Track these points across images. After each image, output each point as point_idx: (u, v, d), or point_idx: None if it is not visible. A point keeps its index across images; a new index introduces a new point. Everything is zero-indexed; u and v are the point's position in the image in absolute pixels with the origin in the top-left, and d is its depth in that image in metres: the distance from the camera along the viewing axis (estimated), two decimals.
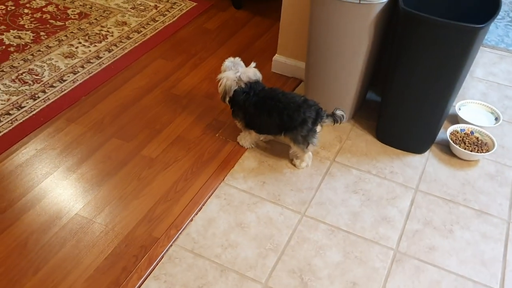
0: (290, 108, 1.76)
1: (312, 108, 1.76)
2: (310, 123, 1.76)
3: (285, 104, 1.77)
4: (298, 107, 1.75)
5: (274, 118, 1.79)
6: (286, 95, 1.81)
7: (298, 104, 1.76)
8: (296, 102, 1.77)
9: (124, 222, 1.65)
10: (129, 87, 2.24)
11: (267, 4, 2.98)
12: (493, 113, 2.14)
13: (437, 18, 1.61)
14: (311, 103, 1.77)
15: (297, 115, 1.75)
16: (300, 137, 1.78)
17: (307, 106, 1.76)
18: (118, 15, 2.77)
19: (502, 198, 1.81)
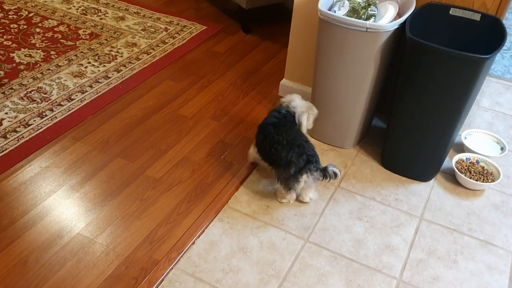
0: (283, 144, 1.71)
1: (303, 156, 1.69)
2: (294, 169, 1.69)
3: (283, 138, 1.73)
4: (290, 147, 1.70)
5: (266, 146, 1.77)
6: (294, 131, 1.77)
7: (294, 144, 1.71)
8: (293, 142, 1.71)
9: (125, 243, 1.64)
10: (136, 107, 2.26)
11: (276, 29, 3.02)
12: (499, 143, 2.13)
13: (444, 47, 1.62)
14: (306, 150, 1.71)
15: (284, 155, 1.70)
16: (282, 178, 1.74)
17: (299, 151, 1.69)
18: (129, 36, 2.81)
19: (507, 229, 1.79)
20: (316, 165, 1.72)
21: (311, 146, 1.76)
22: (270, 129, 1.78)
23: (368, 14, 1.83)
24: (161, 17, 3.04)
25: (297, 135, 1.77)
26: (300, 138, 1.76)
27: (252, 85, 2.48)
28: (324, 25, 1.83)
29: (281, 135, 1.74)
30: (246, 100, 2.37)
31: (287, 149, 1.70)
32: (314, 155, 1.73)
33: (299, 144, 1.72)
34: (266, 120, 1.83)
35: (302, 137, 1.77)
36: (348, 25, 1.76)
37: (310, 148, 1.74)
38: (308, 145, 1.75)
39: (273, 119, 1.82)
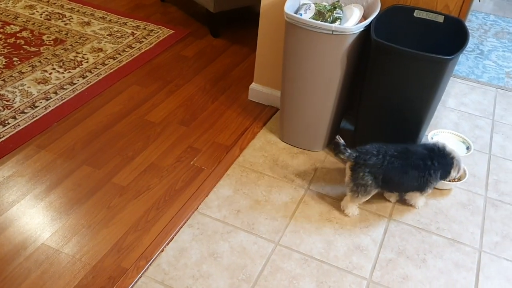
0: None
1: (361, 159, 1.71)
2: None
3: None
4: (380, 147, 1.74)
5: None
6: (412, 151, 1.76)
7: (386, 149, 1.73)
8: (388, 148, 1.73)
9: (92, 252, 1.60)
10: (102, 114, 2.21)
11: (245, 33, 3.02)
12: (465, 142, 2.18)
13: (408, 49, 1.64)
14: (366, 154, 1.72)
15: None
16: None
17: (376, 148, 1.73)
18: (94, 41, 2.76)
19: (474, 227, 1.82)
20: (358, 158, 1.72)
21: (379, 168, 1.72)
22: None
23: (334, 17, 1.84)
24: (127, 21, 3.00)
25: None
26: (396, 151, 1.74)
27: (221, 89, 2.47)
28: (291, 28, 1.83)
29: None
30: (216, 105, 2.36)
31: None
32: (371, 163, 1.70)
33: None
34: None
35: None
36: (314, 28, 1.77)
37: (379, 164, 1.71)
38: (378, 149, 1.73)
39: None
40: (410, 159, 1.73)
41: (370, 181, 1.72)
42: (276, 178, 1.96)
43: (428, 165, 1.73)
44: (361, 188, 1.73)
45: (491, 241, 1.78)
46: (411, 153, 1.74)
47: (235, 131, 2.19)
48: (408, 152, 1.74)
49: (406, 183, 1.76)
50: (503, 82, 2.71)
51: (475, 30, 3.26)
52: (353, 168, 1.73)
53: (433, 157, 1.74)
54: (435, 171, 1.75)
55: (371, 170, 1.70)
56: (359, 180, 1.73)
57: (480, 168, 2.10)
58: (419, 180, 1.74)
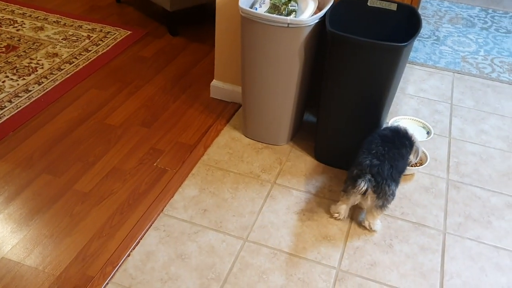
0: (370, 150, 1.68)
1: (375, 168, 1.62)
2: (356, 171, 1.66)
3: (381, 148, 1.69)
4: (374, 154, 1.66)
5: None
6: (401, 147, 1.74)
7: (382, 154, 1.66)
8: (383, 153, 1.67)
9: (56, 262, 1.56)
10: (60, 120, 2.16)
11: (204, 30, 2.99)
12: (425, 127, 2.22)
13: (363, 38, 1.66)
14: (384, 166, 1.63)
15: (360, 155, 1.68)
16: (346, 176, 1.74)
17: (377, 161, 1.64)
18: (49, 46, 2.69)
19: (438, 210, 1.86)
20: (376, 183, 1.61)
21: (398, 168, 1.67)
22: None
23: (289, 10, 1.84)
24: (83, 24, 2.93)
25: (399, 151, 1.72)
26: (398, 156, 1.70)
27: (182, 88, 2.45)
28: (247, 23, 1.83)
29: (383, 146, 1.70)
30: (177, 104, 2.33)
31: (368, 154, 1.66)
32: (387, 177, 1.62)
33: (387, 158, 1.66)
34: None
35: (405, 156, 1.73)
36: (270, 22, 1.76)
37: (387, 167, 1.63)
38: (395, 164, 1.66)
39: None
40: (396, 144, 1.73)
41: (392, 185, 1.65)
42: (242, 174, 1.95)
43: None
44: (390, 197, 1.66)
45: (455, 222, 1.82)
46: (394, 138, 1.74)
47: (198, 129, 2.17)
48: (391, 138, 1.74)
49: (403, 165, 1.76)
50: (460, 67, 2.78)
51: (430, 17, 3.32)
52: (375, 191, 1.63)
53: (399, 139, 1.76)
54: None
55: (387, 175, 1.63)
56: (387, 194, 1.64)
57: (441, 152, 2.15)
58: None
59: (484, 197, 1.94)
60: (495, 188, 1.98)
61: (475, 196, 1.94)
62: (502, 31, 3.21)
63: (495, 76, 2.72)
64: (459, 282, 1.60)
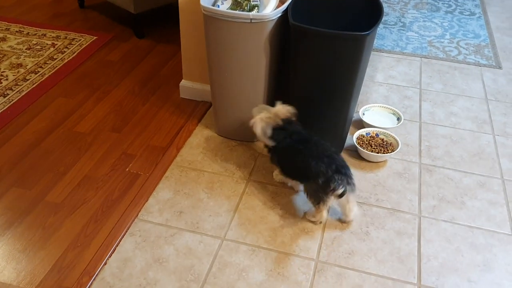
0: (312, 156, 1.66)
1: (333, 166, 1.62)
2: (322, 180, 1.62)
3: (311, 151, 1.68)
4: (319, 158, 1.64)
5: (298, 163, 1.70)
6: (320, 143, 1.72)
7: (323, 155, 1.65)
8: (322, 153, 1.66)
9: (30, 276, 1.53)
10: (28, 131, 2.12)
11: (170, 31, 2.96)
12: (395, 114, 2.24)
13: (325, 29, 1.66)
14: (336, 161, 1.64)
15: (313, 166, 1.63)
16: (311, 190, 1.68)
17: (328, 161, 1.63)
18: (13, 57, 2.63)
19: (412, 194, 1.88)
20: (345, 176, 1.62)
21: (341, 157, 1.69)
22: (289, 137, 1.74)
23: (251, 5, 1.84)
24: (46, 33, 2.88)
25: (315, 139, 1.73)
26: (329, 149, 1.70)
27: (152, 90, 2.42)
28: (209, 21, 1.81)
29: (309, 149, 1.69)
30: (147, 106, 2.30)
31: (316, 160, 1.63)
32: (344, 165, 1.65)
33: (330, 153, 1.66)
34: (279, 135, 1.76)
35: (331, 148, 1.71)
36: (232, 18, 1.75)
37: (340, 159, 1.67)
38: (338, 156, 1.69)
39: (283, 130, 1.76)
40: (307, 137, 1.77)
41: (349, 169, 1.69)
42: (217, 173, 1.94)
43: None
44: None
45: (429, 205, 1.84)
46: (302, 135, 1.77)
47: (170, 131, 2.15)
48: (304, 136, 1.76)
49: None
50: (426, 51, 2.81)
51: (395, 4, 3.35)
52: (349, 184, 1.65)
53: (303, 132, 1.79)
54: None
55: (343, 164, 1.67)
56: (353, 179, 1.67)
57: (412, 137, 2.17)
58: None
59: (456, 178, 1.97)
60: (467, 168, 2.01)
61: (448, 178, 1.96)
62: (466, 14, 3.26)
63: (461, 58, 2.76)
64: (436, 264, 1.62)
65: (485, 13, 3.29)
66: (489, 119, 2.30)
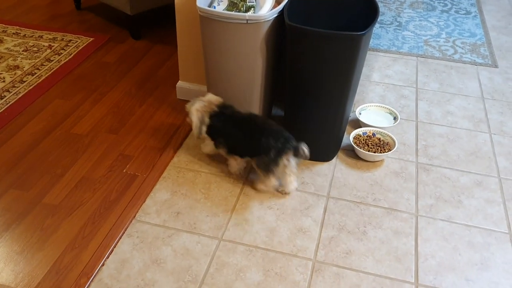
0: (261, 133, 1.75)
1: (281, 139, 1.72)
2: (273, 152, 1.72)
3: (259, 128, 1.78)
4: (268, 134, 1.73)
5: (248, 141, 1.80)
6: (264, 120, 1.84)
7: (271, 130, 1.75)
8: (269, 129, 1.76)
9: (28, 277, 1.53)
10: (26, 133, 2.12)
11: (167, 32, 2.97)
12: (392, 113, 2.24)
13: (321, 29, 1.67)
14: (283, 133, 1.75)
15: (264, 141, 1.73)
16: (262, 163, 1.76)
17: (276, 135, 1.73)
18: (9, 59, 2.63)
19: (409, 193, 1.89)
20: (292, 145, 1.75)
21: (285, 131, 1.78)
22: (230, 118, 1.84)
23: (247, 6, 1.84)
24: (43, 34, 2.88)
25: (258, 117, 1.86)
26: (273, 124, 1.81)
27: (149, 91, 2.42)
28: (206, 22, 1.82)
29: (249, 122, 1.82)
30: (144, 107, 2.31)
31: (263, 135, 1.74)
32: (290, 137, 1.76)
33: (277, 129, 1.77)
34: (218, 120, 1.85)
35: (273, 123, 1.82)
36: (228, 19, 1.76)
37: (285, 132, 1.77)
38: (282, 129, 1.79)
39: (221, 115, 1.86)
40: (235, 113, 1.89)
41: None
42: (214, 174, 1.95)
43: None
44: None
45: (426, 204, 1.85)
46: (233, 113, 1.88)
47: (167, 132, 2.15)
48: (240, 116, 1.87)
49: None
50: (423, 50, 2.82)
51: (391, 3, 3.36)
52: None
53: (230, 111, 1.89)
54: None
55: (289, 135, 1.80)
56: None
57: (409, 136, 2.17)
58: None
59: (453, 177, 1.97)
60: (464, 167, 2.02)
61: (445, 177, 1.97)
62: (462, 13, 3.27)
63: (457, 57, 2.76)
64: (433, 263, 1.63)
65: (480, 12, 3.29)
66: (485, 118, 2.31)
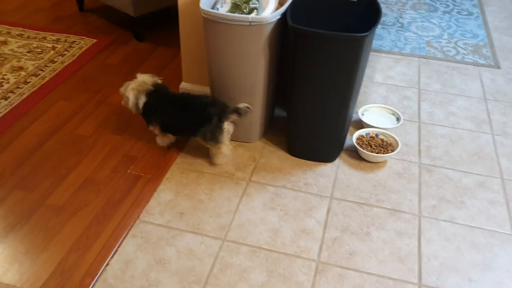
0: (198, 107, 1.89)
1: (218, 106, 1.88)
2: (216, 119, 1.86)
3: (194, 104, 1.91)
4: (204, 106, 1.88)
5: (185, 119, 1.91)
6: (195, 96, 1.95)
7: (205, 102, 1.89)
8: (203, 101, 1.90)
9: (33, 278, 1.54)
10: (30, 134, 2.13)
11: (170, 33, 2.98)
12: (394, 114, 2.25)
13: (324, 31, 1.67)
14: (217, 101, 1.90)
15: (204, 113, 1.87)
16: (209, 133, 1.89)
17: (213, 104, 1.88)
18: (14, 60, 2.64)
19: (412, 194, 1.89)
20: (229, 108, 1.89)
21: (220, 100, 1.92)
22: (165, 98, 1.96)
23: (250, 8, 1.85)
24: (47, 36, 2.89)
25: (189, 94, 1.98)
26: (207, 97, 1.95)
27: None
28: (209, 24, 1.82)
29: (183, 101, 1.94)
30: None
31: (201, 108, 1.88)
32: (225, 105, 1.89)
33: (210, 99, 1.92)
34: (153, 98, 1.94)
35: (208, 96, 1.97)
36: (232, 21, 1.76)
37: (217, 99, 1.92)
38: (212, 97, 1.97)
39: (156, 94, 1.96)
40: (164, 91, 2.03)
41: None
42: (217, 174, 1.96)
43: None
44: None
45: (429, 205, 1.85)
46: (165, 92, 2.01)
47: None
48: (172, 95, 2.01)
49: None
50: (425, 51, 2.82)
51: (393, 4, 3.37)
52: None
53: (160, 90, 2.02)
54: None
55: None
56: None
57: (411, 137, 2.18)
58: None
59: (456, 178, 1.98)
60: (466, 168, 2.02)
61: (447, 178, 1.97)
62: (464, 14, 3.27)
63: (459, 58, 2.77)
64: (436, 263, 1.63)
65: (483, 13, 3.30)
66: (488, 119, 2.31)
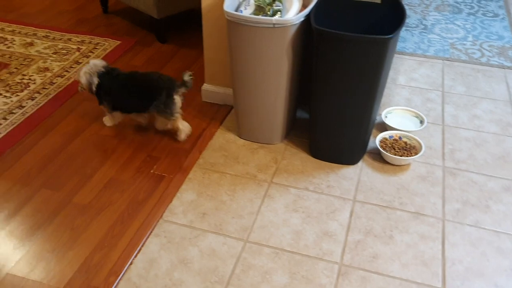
0: (147, 84, 2.03)
1: (165, 80, 2.01)
2: (165, 93, 1.98)
3: (143, 81, 2.05)
4: (153, 81, 2.02)
5: (136, 96, 2.04)
6: (143, 74, 2.09)
7: (153, 79, 2.03)
8: (152, 78, 2.04)
9: (60, 275, 1.57)
10: (56, 134, 2.17)
11: (192, 35, 3.00)
12: (418, 117, 2.23)
13: (348, 33, 1.67)
14: (163, 77, 2.03)
15: (153, 89, 2.00)
16: (162, 105, 2.00)
17: (160, 80, 2.01)
18: (40, 61, 2.70)
19: (435, 198, 1.87)
20: (177, 82, 2.02)
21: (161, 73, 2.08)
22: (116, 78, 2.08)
23: (274, 10, 1.86)
24: (72, 37, 2.94)
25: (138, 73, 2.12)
26: (156, 73, 2.09)
27: None
28: (233, 26, 1.84)
29: (132, 80, 2.09)
30: None
31: (150, 84, 2.03)
32: (172, 78, 2.04)
33: (158, 75, 2.05)
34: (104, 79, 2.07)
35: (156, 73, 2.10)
36: (255, 23, 1.77)
37: (164, 75, 2.06)
38: (159, 73, 2.09)
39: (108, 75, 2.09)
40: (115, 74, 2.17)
41: None
42: (239, 175, 1.96)
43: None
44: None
45: (453, 209, 1.83)
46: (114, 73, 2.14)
47: (193, 133, 2.18)
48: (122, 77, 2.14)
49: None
50: (449, 54, 2.79)
51: (416, 6, 3.34)
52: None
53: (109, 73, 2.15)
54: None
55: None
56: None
57: (435, 140, 2.16)
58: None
59: (480, 182, 1.95)
60: (491, 172, 1.99)
61: (472, 182, 1.95)
62: (489, 15, 3.23)
63: (484, 60, 2.73)
64: (461, 268, 1.61)
65: (509, 14, 3.25)
66: None
